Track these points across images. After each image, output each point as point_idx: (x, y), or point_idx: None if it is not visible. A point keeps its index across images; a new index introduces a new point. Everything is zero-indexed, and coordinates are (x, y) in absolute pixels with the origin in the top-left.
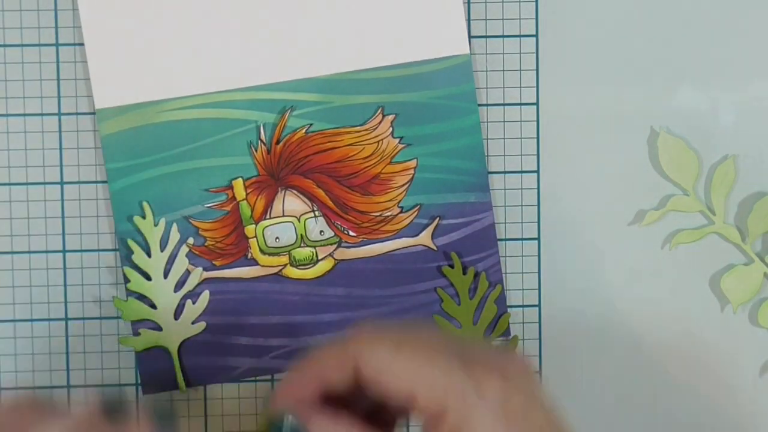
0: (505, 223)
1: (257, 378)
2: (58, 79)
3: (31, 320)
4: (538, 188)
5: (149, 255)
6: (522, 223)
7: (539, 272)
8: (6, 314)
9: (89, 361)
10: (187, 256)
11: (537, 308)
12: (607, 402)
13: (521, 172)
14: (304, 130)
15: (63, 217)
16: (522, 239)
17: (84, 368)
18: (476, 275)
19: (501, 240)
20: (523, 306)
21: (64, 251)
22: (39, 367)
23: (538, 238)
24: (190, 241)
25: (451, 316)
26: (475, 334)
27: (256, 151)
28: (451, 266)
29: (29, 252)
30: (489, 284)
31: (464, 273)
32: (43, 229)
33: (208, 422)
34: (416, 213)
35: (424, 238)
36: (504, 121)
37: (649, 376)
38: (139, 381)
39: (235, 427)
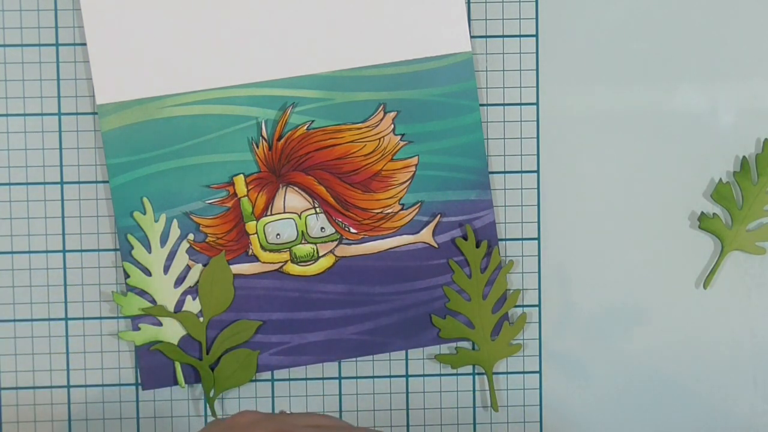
0: (505, 223)
1: (257, 375)
2: (58, 79)
3: (31, 320)
4: (538, 188)
5: (149, 250)
6: (522, 223)
7: (539, 271)
8: (6, 314)
9: (89, 361)
10: (187, 252)
11: (537, 308)
12: (607, 401)
13: (521, 172)
14: (305, 127)
15: (63, 217)
16: (522, 239)
17: (84, 368)
18: (489, 250)
19: (501, 240)
20: (523, 306)
21: (64, 251)
22: (39, 367)
23: (538, 238)
24: (191, 237)
25: (461, 289)
26: (484, 309)
27: (257, 147)
28: (465, 238)
29: (29, 252)
30: (501, 259)
31: (477, 246)
32: (43, 229)
33: (207, 422)
34: (417, 210)
35: (425, 235)
36: (504, 121)
37: (648, 375)
38: (138, 380)
39: None
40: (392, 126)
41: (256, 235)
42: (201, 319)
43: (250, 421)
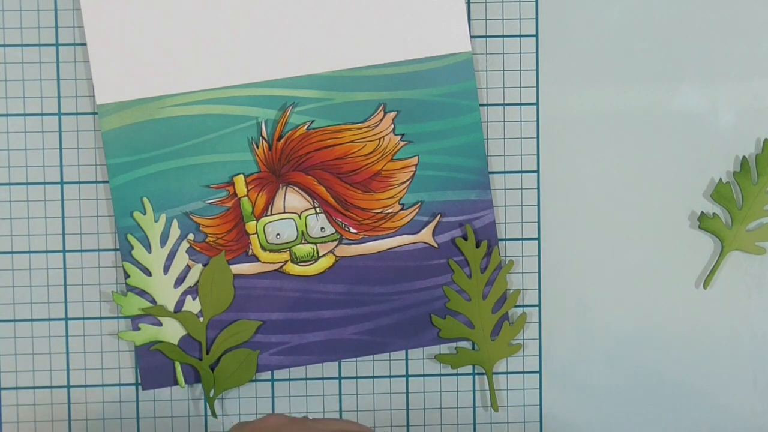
0: (505, 223)
1: (257, 375)
2: (58, 79)
3: (31, 320)
4: (538, 188)
5: (149, 250)
6: (522, 223)
7: (539, 272)
8: (6, 314)
9: (89, 361)
10: (187, 252)
11: (537, 308)
12: (607, 401)
13: (521, 172)
14: (305, 127)
15: (63, 217)
16: (522, 239)
17: (84, 368)
18: (489, 250)
19: (501, 240)
20: (523, 306)
21: (64, 251)
22: (39, 367)
23: (538, 238)
24: (191, 237)
25: (461, 289)
26: (484, 309)
27: (257, 147)
28: (465, 238)
29: (29, 252)
30: (501, 259)
31: (477, 246)
32: (43, 229)
33: (207, 422)
34: (417, 210)
35: (425, 235)
36: (504, 121)
37: (649, 376)
38: (138, 380)
39: None
40: (392, 126)
41: (256, 235)
42: (201, 319)
43: (274, 425)
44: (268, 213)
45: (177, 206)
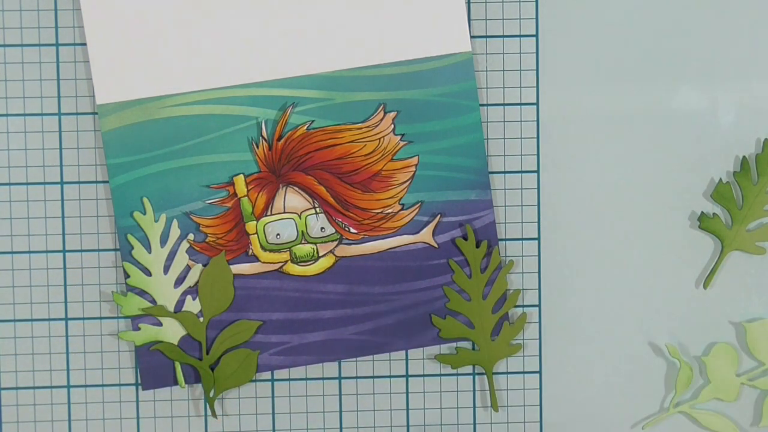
0: (505, 223)
1: (257, 375)
2: (58, 79)
3: (31, 320)
4: (538, 188)
5: (149, 250)
6: (522, 223)
7: (539, 272)
8: (6, 314)
9: (89, 361)
10: (187, 252)
11: (537, 308)
12: (607, 402)
13: (521, 172)
14: (305, 127)
15: (63, 217)
16: (522, 239)
17: (84, 368)
18: (489, 250)
19: (501, 240)
20: (523, 306)
21: (64, 251)
22: (39, 367)
23: (538, 238)
24: (191, 237)
25: (461, 289)
26: (484, 309)
27: (257, 147)
28: (465, 238)
29: (29, 252)
30: (501, 259)
31: (477, 246)
32: (43, 229)
33: (207, 422)
34: (417, 210)
35: (425, 235)
36: (504, 121)
37: (649, 376)
38: (138, 380)
39: (235, 427)
40: (392, 126)
41: (256, 235)
42: (201, 319)
43: None
44: (268, 213)
45: (177, 206)
